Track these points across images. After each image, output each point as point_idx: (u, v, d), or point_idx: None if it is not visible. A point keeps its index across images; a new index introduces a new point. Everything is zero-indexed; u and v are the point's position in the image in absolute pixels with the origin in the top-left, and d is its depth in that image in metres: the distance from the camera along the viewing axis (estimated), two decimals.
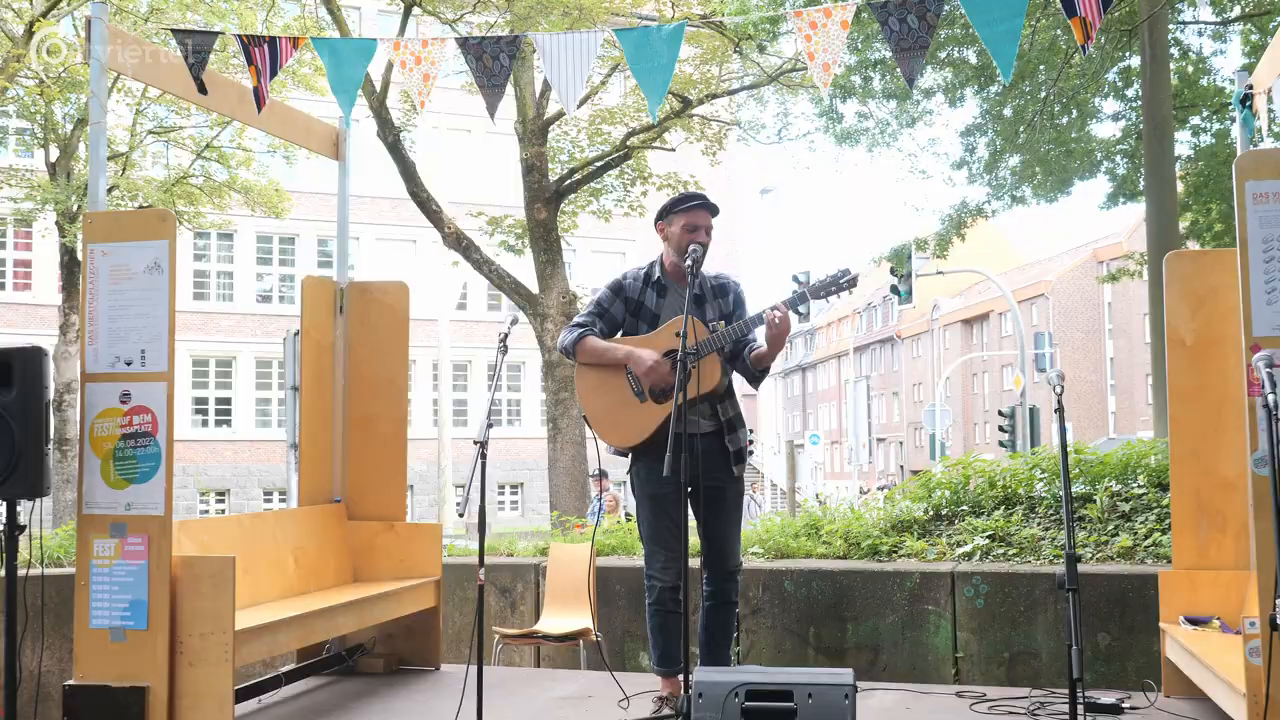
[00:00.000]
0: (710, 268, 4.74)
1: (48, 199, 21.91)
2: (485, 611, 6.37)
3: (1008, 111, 14.67)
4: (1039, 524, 6.21)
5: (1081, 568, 5.55)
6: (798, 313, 4.47)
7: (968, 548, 5.96)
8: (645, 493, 4.57)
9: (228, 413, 32.90)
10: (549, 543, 6.62)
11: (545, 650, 6.12)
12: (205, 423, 32.67)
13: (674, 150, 17.70)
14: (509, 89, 17.11)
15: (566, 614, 5.78)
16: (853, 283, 4.43)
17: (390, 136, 15.93)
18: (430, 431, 35.72)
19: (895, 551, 6.11)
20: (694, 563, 4.70)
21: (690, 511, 4.36)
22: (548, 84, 16.78)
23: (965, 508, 6.54)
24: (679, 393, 3.99)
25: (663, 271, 4.70)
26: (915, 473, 8.08)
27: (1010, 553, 5.86)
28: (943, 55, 13.87)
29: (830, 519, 6.58)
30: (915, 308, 31.62)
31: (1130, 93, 15.23)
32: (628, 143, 16.77)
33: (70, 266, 23.15)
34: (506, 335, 4.27)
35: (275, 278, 34.08)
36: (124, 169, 23.36)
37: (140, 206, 23.57)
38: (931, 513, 6.59)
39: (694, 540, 4.69)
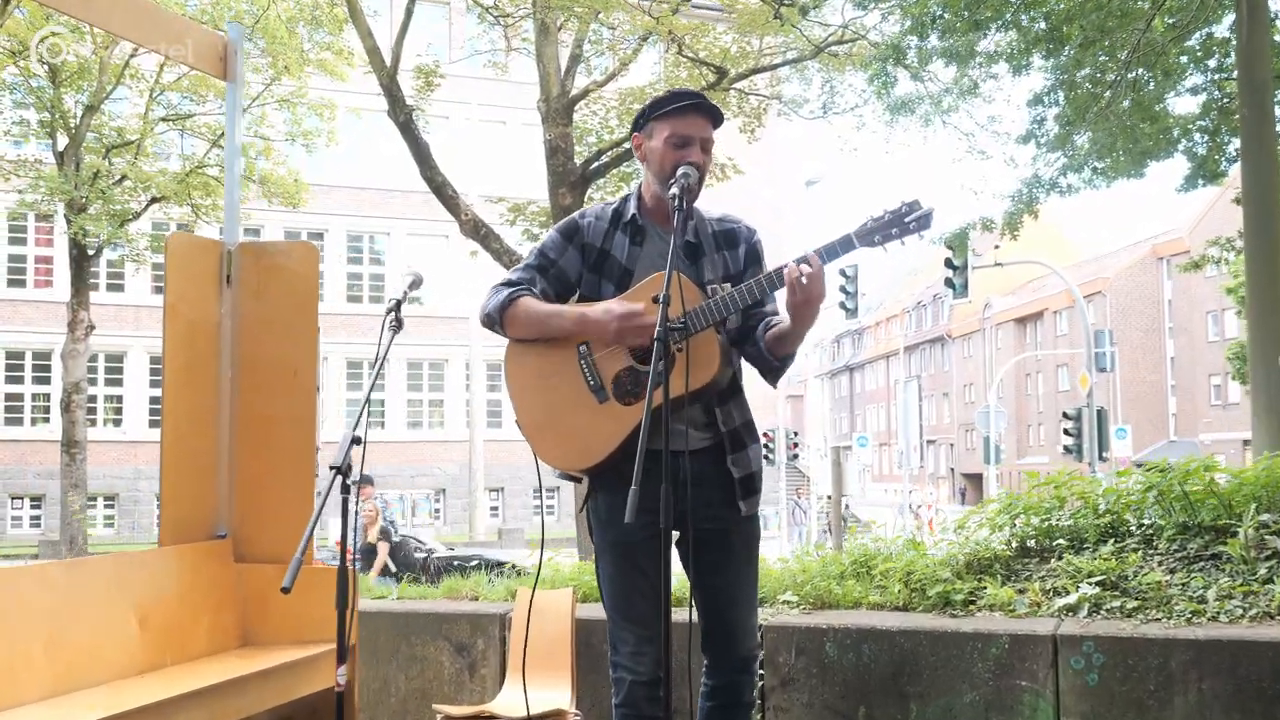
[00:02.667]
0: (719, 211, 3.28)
1: (54, 189, 21.06)
2: (438, 678, 4.99)
3: (1080, 76, 13.08)
4: (1161, 564, 4.68)
5: (1227, 630, 4.03)
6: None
7: (1071, 598, 4.42)
8: (607, 539, 3.02)
9: None
10: (516, 585, 5.13)
11: None
12: None
13: None
14: (532, 65, 15.84)
15: (535, 684, 4.29)
16: (924, 221, 2.88)
17: (402, 115, 14.74)
18: (463, 433, 34.54)
19: (973, 601, 4.58)
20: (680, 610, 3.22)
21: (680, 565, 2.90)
22: (573, 59, 15.43)
23: (1061, 540, 5.03)
24: (653, 388, 2.54)
25: (640, 208, 3.17)
26: (968, 475, 6.54)
27: (1129, 605, 4.31)
28: (1008, 16, 12.38)
29: (885, 555, 5.07)
30: (970, 302, 29.93)
31: (1213, 63, 13.65)
32: None
33: (79, 260, 22.16)
34: (399, 304, 2.85)
35: None
36: (135, 158, 22.37)
37: (152, 199, 22.57)
38: (1016, 546, 5.09)
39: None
